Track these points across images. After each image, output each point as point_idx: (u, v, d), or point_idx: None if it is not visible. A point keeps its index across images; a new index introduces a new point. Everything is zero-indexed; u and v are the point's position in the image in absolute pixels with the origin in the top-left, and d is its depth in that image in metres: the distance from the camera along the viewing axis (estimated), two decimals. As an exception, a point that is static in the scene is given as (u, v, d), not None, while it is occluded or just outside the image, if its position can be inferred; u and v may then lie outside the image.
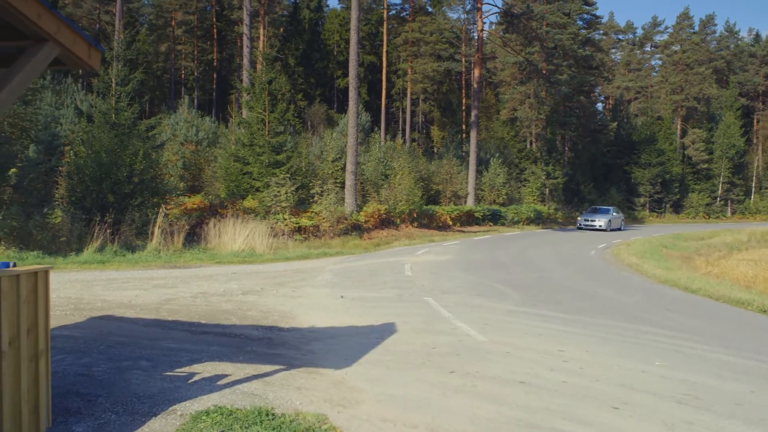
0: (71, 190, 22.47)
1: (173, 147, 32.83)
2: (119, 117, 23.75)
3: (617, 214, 44.52)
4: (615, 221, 43.17)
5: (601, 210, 44.82)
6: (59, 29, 4.85)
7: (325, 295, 12.20)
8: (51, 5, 4.75)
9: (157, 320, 9.52)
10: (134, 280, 13.95)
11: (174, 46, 63.15)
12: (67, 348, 7.60)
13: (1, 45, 4.49)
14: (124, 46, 26.13)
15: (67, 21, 4.91)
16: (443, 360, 7.49)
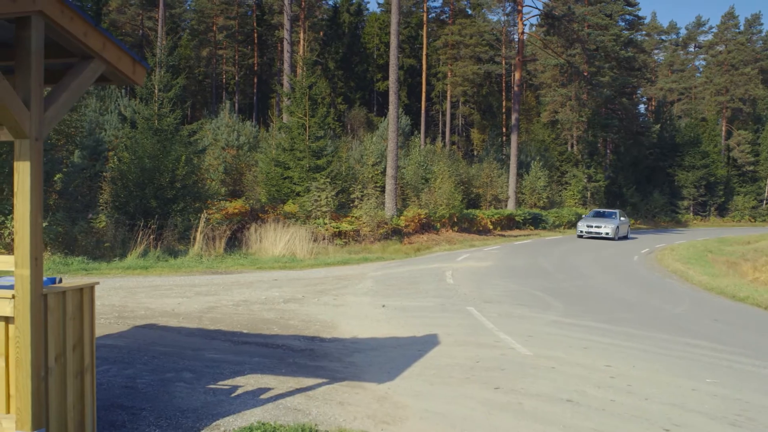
0: (115, 195, 22.74)
1: (215, 152, 33.08)
2: (162, 123, 23.98)
3: (624, 219, 38.54)
4: (623, 227, 37.30)
5: (606, 214, 38.75)
6: (105, 46, 4.86)
7: (366, 304, 12.15)
8: (97, 23, 4.76)
9: (199, 329, 9.55)
10: (177, 287, 14.03)
11: (215, 50, 63.69)
12: (111, 358, 7.64)
13: (48, 62, 4.50)
14: (166, 53, 26.39)
15: (113, 38, 4.92)
16: (487, 375, 7.38)
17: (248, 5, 66.65)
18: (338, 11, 68.47)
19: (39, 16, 4.29)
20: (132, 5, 61.15)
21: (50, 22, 4.39)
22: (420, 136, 51.22)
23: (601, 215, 38.41)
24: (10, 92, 4.11)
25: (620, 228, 36.35)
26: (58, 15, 4.42)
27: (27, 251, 4.34)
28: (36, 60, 4.30)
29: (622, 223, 37.21)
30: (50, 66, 4.88)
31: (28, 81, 4.28)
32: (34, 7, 4.21)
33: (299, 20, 56.50)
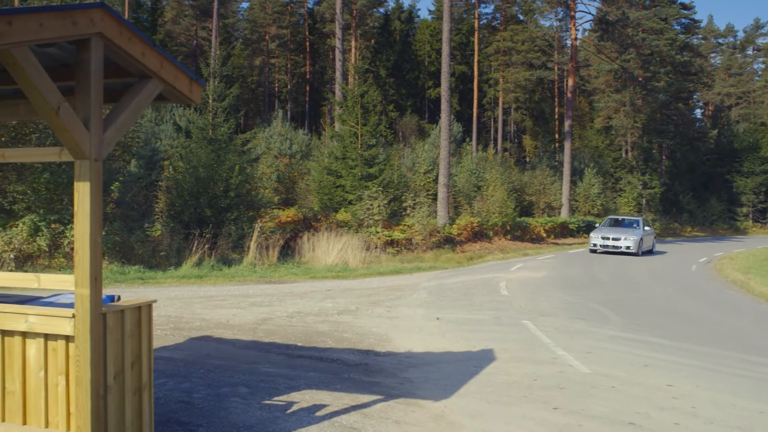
0: (170, 204, 23.04)
1: (267, 160, 33.35)
2: (216, 132, 24.24)
3: (649, 229, 31.65)
4: (647, 239, 30.75)
5: (626, 222, 32.08)
6: (162, 65, 4.88)
7: (420, 317, 12.06)
8: (154, 43, 4.78)
9: (254, 342, 9.56)
10: (231, 297, 14.12)
11: (268, 59, 64.31)
12: (168, 371, 7.68)
13: (107, 82, 4.53)
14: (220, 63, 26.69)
15: (170, 57, 4.93)
16: (545, 394, 7.23)
17: (300, 14, 67.24)
18: (389, 19, 68.63)
19: (98, 38, 4.32)
20: (186, 16, 62.13)
21: (109, 43, 4.42)
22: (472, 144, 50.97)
23: (619, 224, 31.88)
24: (70, 114, 4.14)
25: (644, 240, 30.05)
26: (116, 36, 4.44)
27: (87, 271, 4.37)
28: (95, 81, 4.32)
29: (647, 234, 30.81)
30: (109, 85, 4.91)
31: (87, 102, 4.31)
32: (94, 29, 4.24)
33: (351, 28, 56.75)
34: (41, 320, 4.52)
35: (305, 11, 66.86)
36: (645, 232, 30.41)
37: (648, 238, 30.87)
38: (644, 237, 30.04)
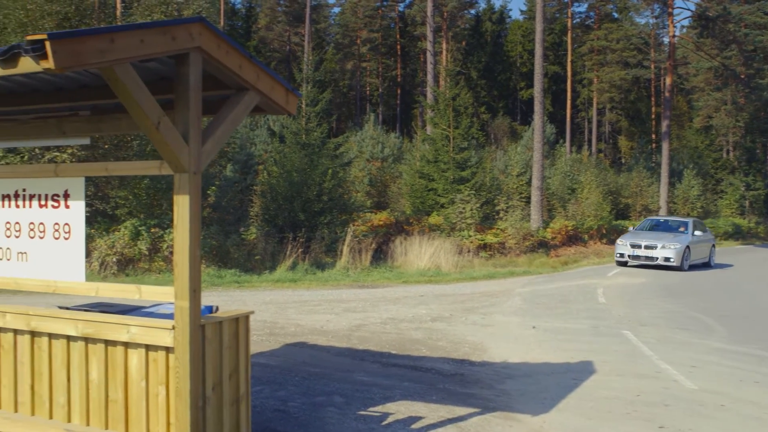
0: (265, 208, 23.40)
1: (360, 164, 33.52)
2: (309, 137, 24.49)
3: (702, 234, 24.64)
4: (700, 248, 23.90)
5: (668, 225, 25.15)
6: (259, 77, 4.88)
7: (515, 325, 11.84)
8: (251, 55, 4.78)
9: (348, 349, 9.55)
10: (325, 302, 14.19)
11: (359, 63, 64.76)
12: (264, 378, 7.72)
13: (204, 95, 4.56)
14: (312, 68, 26.96)
15: (267, 68, 4.93)
16: (649, 411, 6.94)
17: (391, 18, 67.48)
18: (480, 20, 68.15)
19: (197, 52, 4.34)
20: (279, 22, 63.12)
21: (207, 57, 4.43)
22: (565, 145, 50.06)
23: (661, 226, 25.30)
24: (170, 128, 4.18)
25: (692, 249, 23.09)
26: (214, 50, 4.46)
27: (186, 283, 4.40)
28: (194, 95, 4.35)
29: (699, 241, 23.91)
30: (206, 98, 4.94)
31: (186, 116, 4.34)
32: (192, 44, 4.26)
33: (442, 31, 56.59)
34: (142, 331, 4.57)
35: (396, 15, 67.07)
36: (695, 239, 23.55)
37: (700, 247, 24.02)
38: (693, 245, 23.24)
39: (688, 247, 22.87)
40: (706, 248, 24.70)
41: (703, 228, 25.52)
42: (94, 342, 4.76)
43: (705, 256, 24.55)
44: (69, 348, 4.88)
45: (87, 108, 5.84)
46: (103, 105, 5.75)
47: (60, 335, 4.87)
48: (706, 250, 24.68)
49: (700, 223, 26.29)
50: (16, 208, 5.05)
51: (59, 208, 4.85)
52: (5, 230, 5.10)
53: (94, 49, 3.59)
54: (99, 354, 4.77)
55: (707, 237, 25.25)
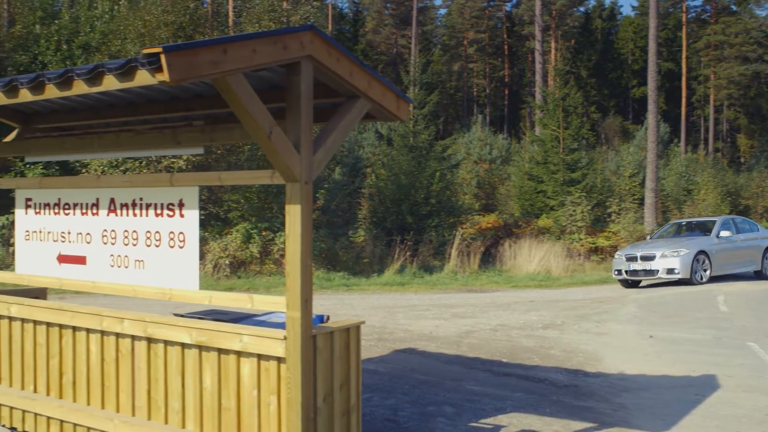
0: (373, 211, 23.51)
1: (467, 166, 33.31)
2: (417, 139, 24.47)
3: (737, 234, 19.83)
4: (730, 254, 19.29)
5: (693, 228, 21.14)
6: (370, 84, 4.81)
7: (631, 334, 11.40)
8: (362, 62, 4.72)
9: (458, 356, 9.41)
10: (434, 307, 14.08)
11: (466, 64, 64.45)
12: (372, 385, 7.67)
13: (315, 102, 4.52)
14: (420, 71, 26.92)
15: (377, 75, 4.86)
16: (782, 430, 6.51)
17: (498, 18, 66.87)
18: (590, 18, 66.65)
19: (308, 61, 4.31)
20: (386, 25, 63.52)
21: (318, 64, 4.40)
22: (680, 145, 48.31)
23: (687, 230, 21.21)
24: (281, 138, 4.15)
25: (716, 255, 18.70)
26: (325, 57, 4.42)
27: (297, 293, 4.36)
28: (305, 104, 4.31)
29: (731, 244, 19.38)
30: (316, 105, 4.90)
31: (298, 125, 4.30)
32: (303, 52, 4.23)
33: (550, 29, 55.64)
34: (254, 341, 4.57)
35: (503, 14, 66.44)
36: (721, 242, 19.09)
37: (735, 253, 19.42)
38: (717, 250, 18.81)
39: (705, 253, 18.41)
40: (750, 253, 19.85)
41: (743, 227, 20.51)
42: (207, 350, 4.79)
43: (749, 262, 19.84)
44: (183, 355, 4.93)
45: (201, 117, 5.92)
46: (217, 114, 5.82)
47: (175, 342, 4.93)
48: (752, 255, 19.90)
49: (740, 221, 21.02)
50: (133, 217, 5.15)
51: (174, 217, 4.91)
52: (123, 238, 5.21)
53: (208, 60, 3.59)
54: (212, 362, 4.80)
55: (751, 238, 20.14)
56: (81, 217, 5.49)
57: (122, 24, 22.37)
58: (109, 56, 21.15)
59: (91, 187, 5.41)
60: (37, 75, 4.03)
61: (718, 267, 18.69)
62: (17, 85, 4.16)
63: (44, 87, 4.02)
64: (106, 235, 5.31)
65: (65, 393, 5.61)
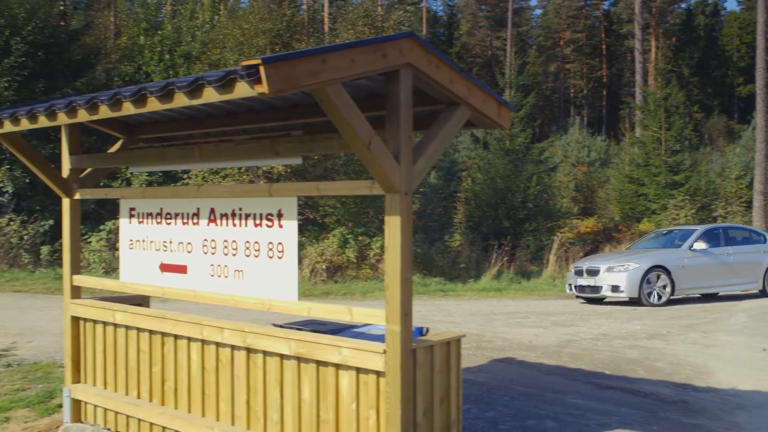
0: (469, 215, 23.32)
1: (564, 169, 32.70)
2: (513, 143, 24.15)
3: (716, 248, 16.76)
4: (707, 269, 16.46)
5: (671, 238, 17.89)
6: (470, 91, 4.68)
7: (742, 345, 10.86)
8: (462, 69, 4.59)
9: (558, 367, 9.15)
10: (532, 314, 13.80)
11: (563, 65, 63.34)
12: (471, 396, 7.52)
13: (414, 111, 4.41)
14: (515, 73, 26.56)
15: (478, 82, 4.73)
16: None
17: (596, 17, 65.47)
18: (692, 14, 64.46)
19: (407, 69, 4.21)
20: (481, 27, 63.11)
21: (417, 72, 4.29)
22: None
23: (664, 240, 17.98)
24: (381, 148, 4.07)
25: (683, 271, 16.02)
26: (425, 65, 4.31)
27: (397, 307, 4.27)
28: (405, 113, 4.22)
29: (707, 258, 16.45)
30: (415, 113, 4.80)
31: (397, 134, 4.21)
32: (403, 60, 4.13)
33: (650, 27, 54.10)
34: (353, 354, 4.50)
35: (601, 13, 65.02)
36: (695, 256, 16.26)
37: (709, 270, 16.40)
38: (685, 266, 16.05)
39: (664, 268, 15.73)
40: (746, 268, 16.83)
41: (738, 238, 17.45)
42: (306, 361, 4.75)
43: (744, 279, 16.85)
44: (282, 366, 4.90)
45: (298, 127, 5.91)
46: (314, 123, 5.80)
47: (274, 353, 4.91)
48: (748, 271, 16.86)
49: (736, 230, 18.00)
50: (233, 227, 5.16)
51: (273, 227, 4.90)
52: (223, 248, 5.23)
53: (306, 71, 3.54)
54: (311, 373, 4.75)
55: (748, 251, 17.02)
56: (182, 226, 5.54)
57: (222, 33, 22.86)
58: (209, 65, 21.63)
59: (192, 197, 5.46)
60: (139, 88, 4.06)
61: (686, 285, 16.07)
62: (121, 99, 4.21)
63: (146, 100, 4.05)
64: (207, 245, 5.35)
65: (167, 400, 5.68)
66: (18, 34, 21.24)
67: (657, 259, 15.97)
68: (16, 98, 20.71)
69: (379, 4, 26.96)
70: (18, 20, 21.63)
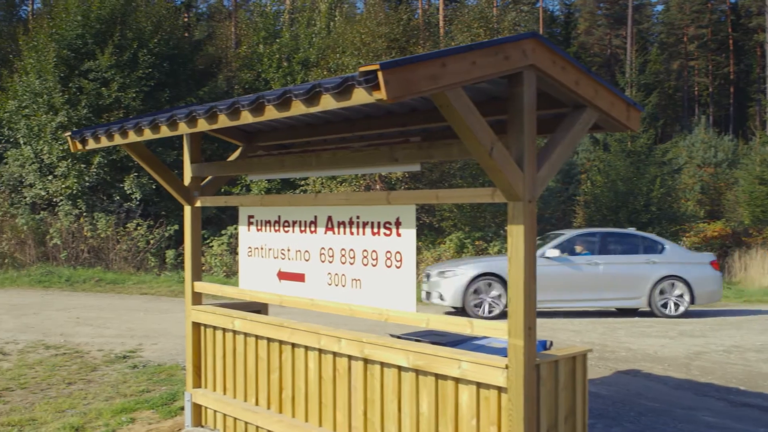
0: (588, 219, 22.70)
1: (689, 170, 31.44)
2: (635, 144, 23.39)
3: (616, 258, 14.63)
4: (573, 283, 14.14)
5: None
6: (597, 93, 4.44)
7: None
8: (588, 69, 4.36)
9: (687, 381, 8.68)
10: (657, 324, 13.23)
11: (686, 62, 61.02)
12: (595, 410, 7.20)
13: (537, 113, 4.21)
14: (637, 71, 25.74)
15: (605, 83, 4.48)
16: None
17: (722, 11, 62.78)
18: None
19: (530, 71, 4.02)
20: (599, 26, 61.62)
21: (541, 74, 4.09)
22: None
23: None
24: (503, 154, 3.89)
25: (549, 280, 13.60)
26: (549, 66, 4.10)
27: (521, 320, 4.09)
28: (528, 117, 4.02)
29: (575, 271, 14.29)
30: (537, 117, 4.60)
31: (520, 140, 4.02)
32: (526, 62, 3.94)
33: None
34: (474, 368, 4.33)
35: (727, 7, 62.28)
36: (552, 264, 14.15)
37: (568, 281, 14.10)
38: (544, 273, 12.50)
39: (498, 277, 13.78)
40: (625, 281, 14.33)
41: (621, 246, 14.90)
42: (424, 374, 4.62)
43: (621, 294, 14.35)
44: (400, 378, 4.79)
45: (416, 132, 5.79)
46: (431, 129, 5.66)
47: (392, 365, 4.81)
48: (629, 284, 14.34)
49: (623, 236, 15.39)
50: (350, 235, 5.09)
51: (391, 236, 4.79)
52: (340, 257, 5.16)
53: (426, 75, 3.40)
54: (429, 387, 4.62)
55: (630, 261, 14.57)
56: (300, 234, 5.52)
57: (339, 38, 23.09)
58: (327, 70, 21.87)
59: (309, 205, 5.42)
60: (257, 97, 4.03)
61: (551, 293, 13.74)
62: (239, 108, 4.20)
63: (263, 108, 4.02)
64: (324, 253, 5.29)
65: (284, 408, 5.66)
66: (145, 46, 22.10)
67: (490, 266, 14.00)
68: (143, 108, 21.56)
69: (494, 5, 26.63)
70: (145, 33, 22.51)
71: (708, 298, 14.74)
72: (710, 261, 15.02)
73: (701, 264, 14.86)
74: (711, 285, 14.67)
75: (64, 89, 21.28)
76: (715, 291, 14.78)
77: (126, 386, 8.05)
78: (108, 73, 21.56)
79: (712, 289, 14.69)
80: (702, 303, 14.76)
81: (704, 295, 14.57)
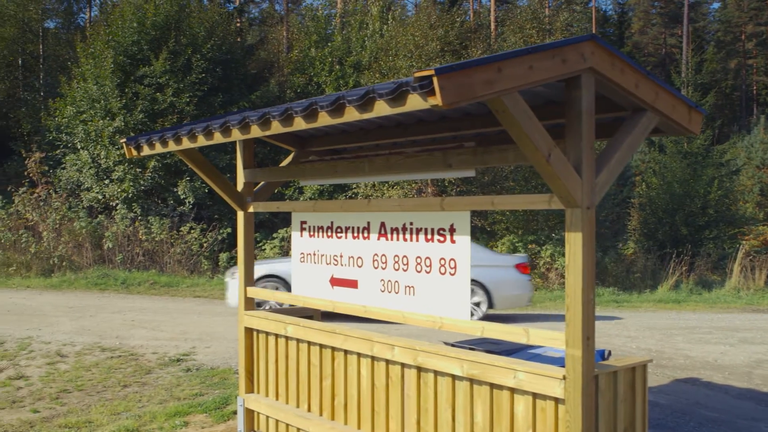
0: (643, 222, 22.33)
1: (748, 171, 30.68)
2: (691, 145, 22.91)
3: None
4: None
5: None
6: (657, 96, 4.31)
7: None
8: (648, 72, 4.23)
9: (749, 390, 8.43)
10: (716, 329, 12.90)
11: (744, 61, 59.65)
12: (653, 420, 7.03)
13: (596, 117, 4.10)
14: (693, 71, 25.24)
15: (666, 86, 4.35)
16: None
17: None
18: None
19: (589, 74, 3.91)
20: (654, 25, 60.64)
21: (600, 77, 3.99)
22: None
23: None
24: (561, 160, 3.79)
25: None
26: (608, 69, 3.99)
27: (579, 330, 3.98)
28: (587, 121, 3.92)
29: None
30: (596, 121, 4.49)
31: (578, 145, 3.92)
32: (584, 65, 3.84)
33: None
34: (530, 378, 4.24)
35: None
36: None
37: None
38: None
39: (283, 279, 13.22)
40: None
41: None
42: (479, 384, 4.54)
43: None
44: (454, 387, 4.72)
45: (470, 137, 5.71)
46: (485, 133, 5.58)
47: (445, 373, 4.74)
48: None
49: None
50: (403, 242, 5.03)
51: (445, 242, 4.72)
52: (393, 263, 5.10)
53: (482, 80, 3.33)
54: (484, 396, 4.53)
55: None
56: (352, 240, 5.47)
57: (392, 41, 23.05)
58: (379, 73, 21.83)
59: (362, 211, 5.37)
60: (310, 103, 4.00)
61: None
62: (292, 114, 4.17)
63: (317, 114, 3.98)
64: (377, 260, 5.24)
65: (337, 415, 5.63)
66: (198, 52, 22.37)
67: (272, 269, 13.47)
68: (196, 112, 21.82)
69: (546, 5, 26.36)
70: (198, 39, 22.78)
71: (510, 303, 13.62)
72: (516, 264, 13.83)
73: (504, 267, 13.74)
74: (514, 289, 13.54)
75: (120, 95, 21.65)
76: (519, 296, 13.55)
77: (179, 389, 8.11)
78: (162, 79, 21.86)
79: (515, 293, 13.52)
80: (504, 308, 13.67)
81: (505, 300, 13.45)
